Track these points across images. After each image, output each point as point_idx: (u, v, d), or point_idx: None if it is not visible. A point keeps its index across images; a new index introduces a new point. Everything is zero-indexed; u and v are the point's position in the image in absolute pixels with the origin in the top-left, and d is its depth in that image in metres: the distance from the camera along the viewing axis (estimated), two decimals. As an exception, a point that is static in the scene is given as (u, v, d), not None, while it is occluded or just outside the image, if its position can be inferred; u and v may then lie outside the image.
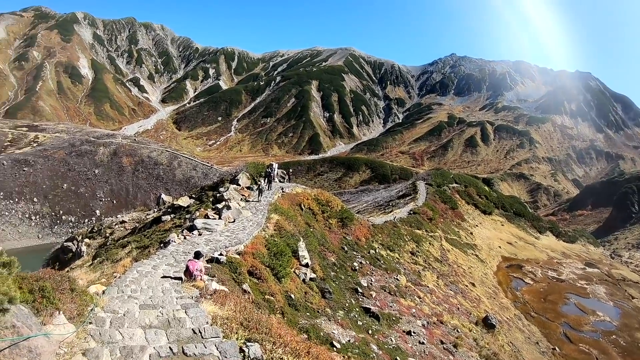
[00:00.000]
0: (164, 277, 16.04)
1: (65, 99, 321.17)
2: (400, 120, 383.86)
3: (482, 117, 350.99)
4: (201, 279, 15.48)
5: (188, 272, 15.48)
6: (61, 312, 9.14)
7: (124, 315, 11.22)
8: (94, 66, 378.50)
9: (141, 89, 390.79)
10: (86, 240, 51.55)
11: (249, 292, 18.37)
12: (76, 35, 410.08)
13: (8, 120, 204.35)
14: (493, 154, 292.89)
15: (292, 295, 24.05)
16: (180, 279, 15.69)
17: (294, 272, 27.32)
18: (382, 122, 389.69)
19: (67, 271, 36.96)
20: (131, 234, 43.25)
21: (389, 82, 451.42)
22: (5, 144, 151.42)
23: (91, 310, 10.67)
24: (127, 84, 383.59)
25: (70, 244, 54.82)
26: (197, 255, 16.38)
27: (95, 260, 34.00)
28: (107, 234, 50.48)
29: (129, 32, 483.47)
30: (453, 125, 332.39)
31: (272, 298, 20.66)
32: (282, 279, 24.34)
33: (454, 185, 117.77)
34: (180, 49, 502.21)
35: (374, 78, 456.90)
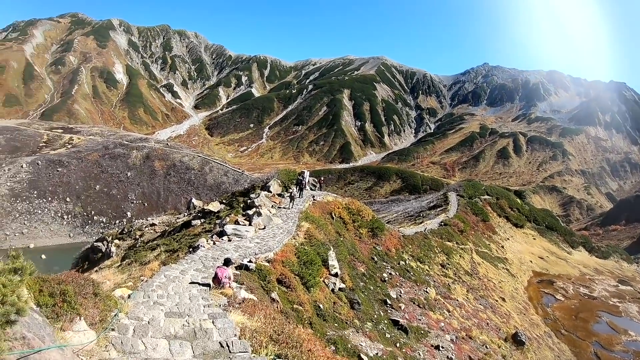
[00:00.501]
0: (191, 282, 15.62)
1: (100, 102, 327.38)
2: (432, 130, 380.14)
3: (514, 128, 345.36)
4: (229, 287, 15.00)
5: (216, 279, 15.02)
6: (82, 318, 8.67)
7: (148, 322, 10.74)
8: (128, 72, 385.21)
9: (175, 94, 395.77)
10: (116, 241, 51.72)
11: (277, 301, 17.87)
12: (112, 42, 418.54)
13: (44, 122, 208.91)
14: (525, 166, 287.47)
15: (321, 305, 23.48)
16: (208, 285, 15.24)
17: (323, 281, 26.77)
18: (413, 131, 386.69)
19: (96, 271, 37.26)
20: (161, 237, 43.21)
21: (420, 92, 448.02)
22: (41, 144, 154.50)
23: (115, 315, 10.22)
24: (161, 90, 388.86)
25: (100, 244, 55.13)
26: (227, 262, 15.92)
27: (124, 262, 33.96)
28: (137, 236, 50.61)
29: (164, 39, 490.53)
30: (485, 136, 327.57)
31: (301, 308, 20.14)
32: (311, 289, 23.79)
33: (486, 197, 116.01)
34: (213, 57, 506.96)
35: (405, 87, 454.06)
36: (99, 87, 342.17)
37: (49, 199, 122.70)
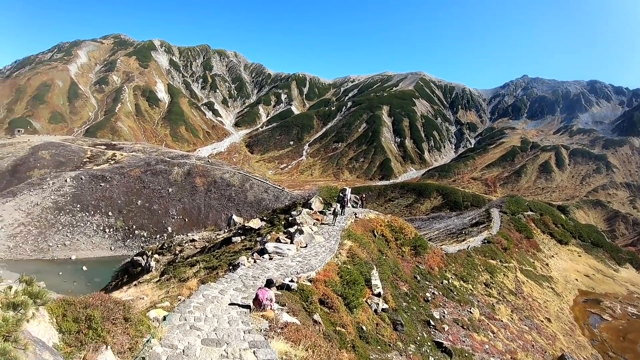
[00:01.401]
0: (231, 304, 14.83)
1: (142, 120, 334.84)
2: (472, 146, 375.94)
3: (556, 141, 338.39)
4: (271, 309, 14.19)
5: (257, 300, 14.23)
6: (109, 347, 7.95)
7: (183, 352, 10.01)
8: (170, 90, 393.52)
9: (215, 112, 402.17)
10: (155, 255, 51.73)
11: (320, 323, 17.01)
12: (153, 61, 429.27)
13: (88, 139, 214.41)
14: (568, 180, 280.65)
15: (364, 327, 22.55)
16: (248, 307, 14.45)
17: (366, 301, 25.83)
18: (453, 147, 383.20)
19: (135, 285, 37.12)
20: (200, 253, 42.89)
21: (460, 107, 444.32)
22: (85, 160, 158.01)
23: (147, 342, 9.47)
24: (201, 108, 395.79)
25: (140, 258, 55.27)
26: (269, 283, 15.17)
27: (163, 277, 33.66)
28: (177, 251, 50.49)
29: (204, 58, 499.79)
30: (526, 150, 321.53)
31: (344, 330, 19.24)
32: (354, 309, 22.86)
33: (529, 213, 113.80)
34: (253, 75, 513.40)
35: (445, 102, 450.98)
36: (141, 105, 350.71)
37: (92, 212, 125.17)
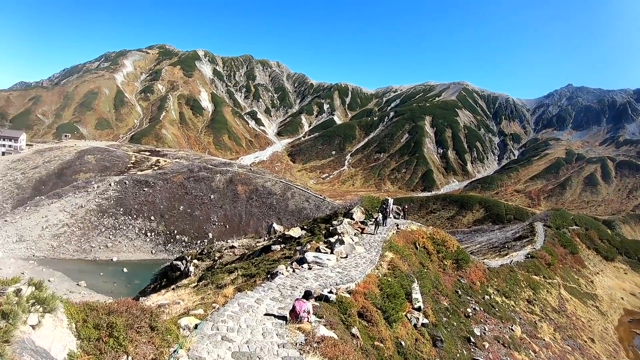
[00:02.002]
0: (266, 314, 14.30)
1: (186, 128, 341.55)
2: (516, 157, 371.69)
3: (602, 153, 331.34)
4: (308, 321, 13.58)
5: (294, 312, 13.63)
6: (130, 357, 7.49)
7: (210, 366, 9.47)
8: (213, 99, 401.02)
9: (258, 122, 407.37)
10: (195, 261, 51.78)
11: (357, 337, 16.34)
12: (197, 71, 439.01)
13: (133, 145, 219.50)
14: (614, 193, 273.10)
15: (403, 342, 21.69)
16: (284, 318, 13.88)
17: (406, 315, 24.95)
18: (496, 158, 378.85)
19: (173, 289, 37.10)
20: (239, 260, 42.65)
21: (503, 117, 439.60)
22: (129, 165, 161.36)
23: (173, 352, 8.95)
24: (244, 117, 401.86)
25: (179, 262, 55.45)
26: (307, 295, 14.60)
27: (200, 283, 33.48)
28: (216, 257, 50.41)
29: (247, 68, 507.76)
30: (571, 162, 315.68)
31: (382, 345, 18.48)
32: (394, 324, 22.04)
33: (574, 227, 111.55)
34: (295, 85, 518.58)
35: (488, 113, 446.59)
36: (185, 113, 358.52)
37: (134, 216, 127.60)
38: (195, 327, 12.08)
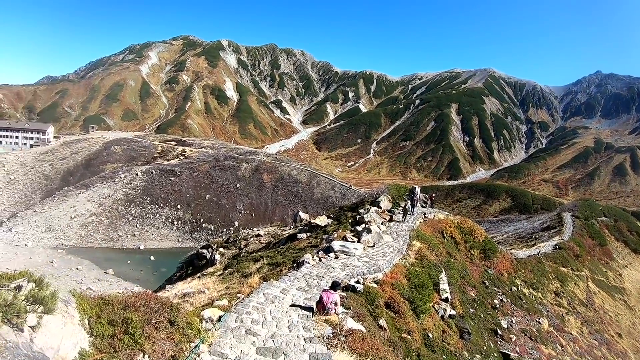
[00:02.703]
0: (292, 305, 13.86)
1: (211, 118, 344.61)
2: (544, 146, 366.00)
3: (632, 142, 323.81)
4: (335, 313, 13.09)
5: (321, 303, 13.15)
6: (146, 355, 7.06)
7: (233, 363, 9.07)
8: (238, 89, 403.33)
9: (283, 110, 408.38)
10: (221, 249, 51.72)
11: (385, 329, 15.88)
12: (222, 61, 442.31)
13: (159, 135, 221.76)
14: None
15: (430, 334, 21.23)
16: (311, 309, 13.43)
17: (433, 306, 24.43)
18: (524, 147, 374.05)
19: (199, 277, 37.19)
20: (265, 249, 42.48)
21: (531, 105, 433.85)
22: (155, 155, 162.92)
23: (194, 348, 8.51)
24: (269, 106, 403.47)
25: (205, 251, 55.54)
26: (334, 285, 14.05)
27: (226, 271, 33.34)
28: (242, 246, 50.34)
29: (271, 57, 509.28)
30: (600, 152, 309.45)
31: (409, 337, 18.03)
32: (421, 315, 21.56)
33: (603, 218, 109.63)
34: (320, 73, 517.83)
35: (515, 100, 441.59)
36: (210, 103, 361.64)
37: (161, 205, 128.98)
38: (219, 319, 11.67)
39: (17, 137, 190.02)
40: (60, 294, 6.18)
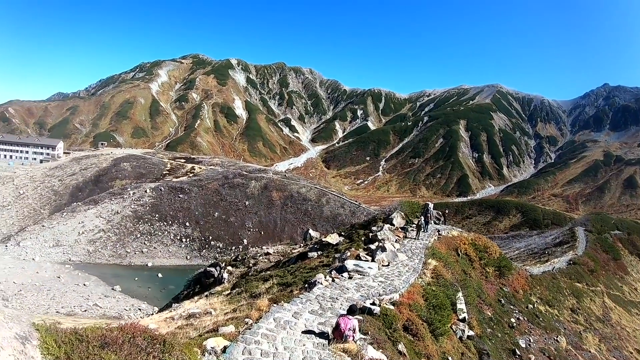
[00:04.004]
0: (306, 331, 12.70)
1: (221, 136, 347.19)
2: (552, 160, 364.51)
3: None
4: (353, 340, 12.00)
5: (338, 330, 11.97)
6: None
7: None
8: (247, 107, 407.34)
9: (292, 128, 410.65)
10: (229, 267, 51.07)
11: (404, 355, 14.83)
12: (231, 79, 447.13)
13: (168, 152, 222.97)
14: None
15: (450, 358, 20.13)
16: (326, 336, 12.29)
17: (451, 327, 23.35)
18: (533, 162, 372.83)
19: (206, 296, 36.50)
20: (274, 267, 41.63)
21: (539, 119, 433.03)
22: (164, 172, 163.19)
23: None
24: (278, 124, 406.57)
25: (213, 269, 54.85)
26: (351, 310, 12.98)
27: (234, 290, 32.51)
28: (251, 264, 49.60)
29: (280, 76, 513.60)
30: (610, 165, 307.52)
31: (429, 362, 16.92)
32: (440, 337, 20.45)
33: (616, 232, 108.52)
34: (328, 91, 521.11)
35: (523, 115, 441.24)
36: (220, 121, 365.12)
37: (170, 222, 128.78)
38: (224, 350, 10.58)
39: (27, 152, 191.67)
40: (14, 328, 5.08)
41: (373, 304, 16.87)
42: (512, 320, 37.01)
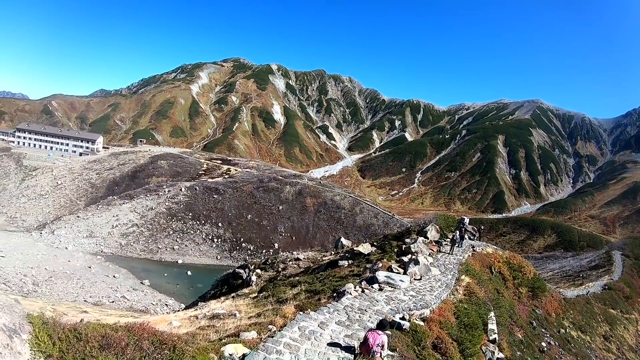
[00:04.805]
0: (331, 344, 12.08)
1: (258, 139, 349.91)
2: (591, 180, 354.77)
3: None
4: (380, 357, 11.35)
5: (366, 345, 11.26)
6: None
7: None
8: (286, 113, 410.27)
9: (329, 136, 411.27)
10: (258, 270, 50.96)
11: (432, 374, 14.15)
12: (270, 84, 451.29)
13: (205, 153, 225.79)
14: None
15: (478, 381, 19.34)
16: (352, 350, 11.66)
17: (480, 348, 22.46)
18: (571, 181, 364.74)
19: (233, 297, 36.30)
20: (304, 274, 41.28)
21: (579, 137, 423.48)
22: (200, 172, 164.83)
23: None
24: (316, 131, 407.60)
25: (242, 271, 54.79)
26: (381, 325, 12.13)
27: (261, 294, 32.30)
28: (280, 269, 49.54)
29: (319, 83, 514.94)
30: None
31: (457, 384, 16.18)
32: (469, 358, 19.62)
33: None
34: (367, 100, 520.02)
35: (562, 133, 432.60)
36: (257, 125, 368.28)
37: (202, 222, 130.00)
38: (242, 358, 10.00)
39: (67, 144, 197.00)
40: (2, 318, 4.49)
41: (402, 318, 16.29)
42: (543, 344, 36.14)
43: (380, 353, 11.27)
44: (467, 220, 42.55)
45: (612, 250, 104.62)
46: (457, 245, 36.12)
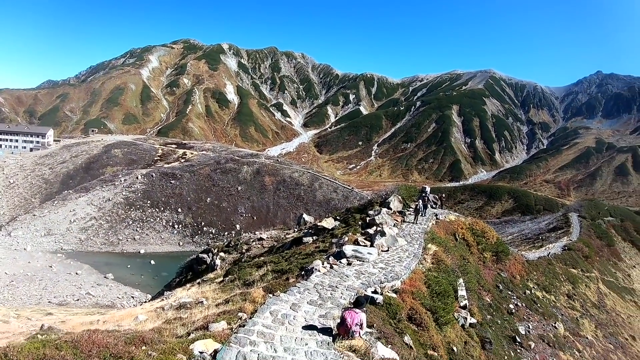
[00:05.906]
0: (306, 327, 11.24)
1: (212, 121, 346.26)
2: (545, 146, 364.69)
3: (633, 142, 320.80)
4: (360, 336, 10.78)
5: (344, 326, 10.58)
6: None
7: None
8: (239, 92, 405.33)
9: (284, 113, 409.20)
10: (221, 254, 50.43)
11: (411, 347, 13.72)
12: (222, 64, 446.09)
13: (159, 138, 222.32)
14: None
15: (454, 348, 19.17)
16: (329, 331, 10.94)
17: (453, 315, 22.33)
18: (525, 148, 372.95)
19: (198, 283, 35.99)
20: (268, 253, 40.89)
21: (531, 105, 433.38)
22: (156, 158, 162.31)
23: None
24: (270, 109, 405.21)
25: (205, 255, 54.23)
26: (358, 303, 11.38)
27: (227, 278, 31.84)
28: (243, 250, 49.02)
29: (272, 60, 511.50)
30: (601, 152, 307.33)
31: (435, 354, 15.82)
32: (444, 326, 19.44)
33: (609, 218, 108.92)
34: (320, 76, 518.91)
35: (515, 101, 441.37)
36: (211, 106, 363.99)
37: (162, 208, 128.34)
38: (214, 355, 9.19)
39: (16, 140, 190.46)
40: None
41: (375, 292, 15.83)
42: (511, 306, 36.77)
43: (359, 332, 10.73)
44: (429, 189, 42.46)
45: (569, 212, 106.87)
46: (420, 214, 35.88)
